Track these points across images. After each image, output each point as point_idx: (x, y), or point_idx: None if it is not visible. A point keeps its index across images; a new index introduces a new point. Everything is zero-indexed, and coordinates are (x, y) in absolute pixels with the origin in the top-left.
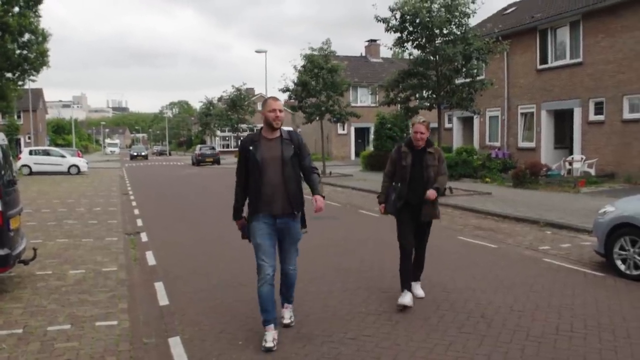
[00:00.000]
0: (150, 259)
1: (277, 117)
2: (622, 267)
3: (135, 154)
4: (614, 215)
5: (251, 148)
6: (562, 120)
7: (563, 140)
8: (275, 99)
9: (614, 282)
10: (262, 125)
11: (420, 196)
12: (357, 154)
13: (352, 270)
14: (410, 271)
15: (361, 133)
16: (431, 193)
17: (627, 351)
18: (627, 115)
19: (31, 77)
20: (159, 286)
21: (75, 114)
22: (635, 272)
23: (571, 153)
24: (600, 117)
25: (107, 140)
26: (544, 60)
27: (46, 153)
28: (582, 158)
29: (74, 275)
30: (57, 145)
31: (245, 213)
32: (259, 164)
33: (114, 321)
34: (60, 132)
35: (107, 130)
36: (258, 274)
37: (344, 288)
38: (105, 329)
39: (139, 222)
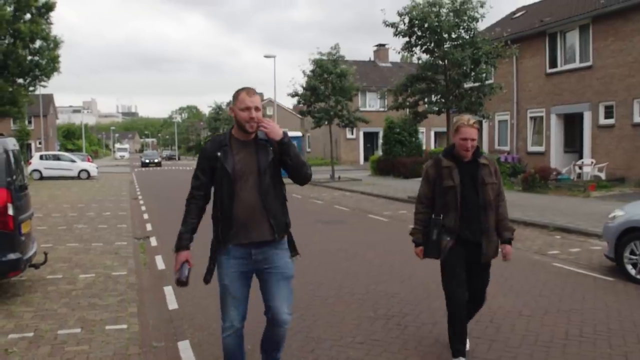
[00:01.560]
0: (160, 263)
1: (252, 118)
2: (633, 271)
3: (147, 160)
4: (624, 219)
5: (219, 155)
6: (572, 124)
7: (573, 144)
8: (250, 91)
9: (624, 287)
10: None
11: (477, 230)
12: (366, 159)
13: (360, 274)
14: (465, 333)
15: (370, 137)
16: (509, 250)
17: (637, 356)
18: (637, 119)
19: (42, 83)
20: (168, 290)
21: (85, 119)
22: None
23: (581, 157)
24: (611, 121)
25: (117, 145)
26: (553, 64)
27: (56, 158)
28: (592, 162)
29: (84, 279)
30: (67, 150)
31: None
32: (230, 177)
33: (124, 325)
34: (70, 137)
35: (116, 135)
36: (223, 321)
37: (352, 292)
38: (115, 333)
39: (149, 227)
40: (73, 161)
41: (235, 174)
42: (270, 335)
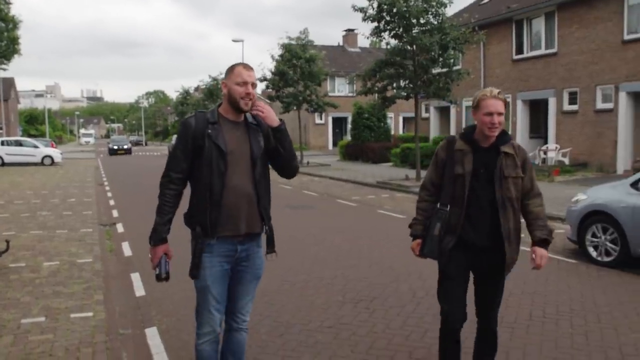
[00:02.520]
0: (127, 249)
1: (249, 93)
2: (594, 253)
3: (115, 147)
4: (586, 203)
5: (209, 132)
6: (537, 110)
7: (538, 129)
8: (247, 66)
9: (586, 269)
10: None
11: (485, 232)
12: (334, 144)
13: (328, 259)
14: None
15: (339, 123)
16: (542, 254)
17: (597, 335)
18: (600, 105)
19: (2, 66)
20: (135, 277)
21: (48, 104)
22: (606, 259)
23: (546, 142)
24: (574, 107)
25: (82, 131)
26: (519, 50)
27: (19, 144)
28: (556, 147)
29: (48, 267)
30: (30, 135)
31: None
32: (225, 159)
33: (90, 313)
34: (33, 122)
35: (81, 120)
36: (199, 327)
37: (321, 277)
38: (81, 321)
39: (115, 213)
40: (36, 147)
41: (230, 156)
42: (231, 344)
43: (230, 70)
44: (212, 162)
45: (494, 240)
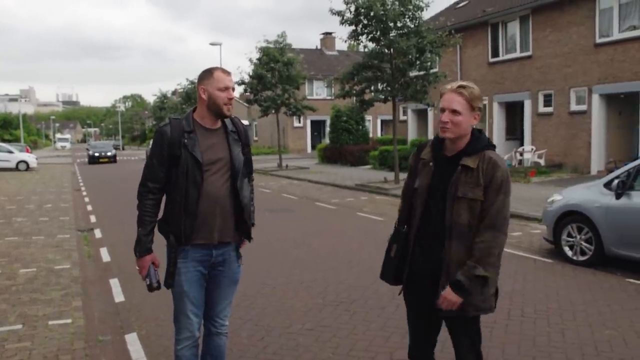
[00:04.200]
0: (105, 255)
1: (231, 99)
2: (570, 253)
3: (96, 154)
4: (562, 203)
5: (185, 141)
6: (513, 112)
7: (514, 131)
8: (225, 71)
9: (562, 268)
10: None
11: (436, 260)
12: (313, 147)
13: (308, 262)
14: None
15: (317, 126)
16: (448, 297)
17: (573, 333)
18: (573, 107)
19: None
20: (114, 283)
21: (23, 108)
22: (581, 258)
23: (522, 144)
24: (549, 109)
25: (58, 135)
26: (495, 53)
27: None
28: (532, 149)
29: (24, 274)
30: (4, 140)
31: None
32: (201, 169)
33: (68, 319)
34: (7, 127)
35: (57, 124)
36: (178, 332)
37: (301, 280)
38: (59, 328)
39: (93, 219)
40: (10, 152)
41: (205, 166)
42: (211, 348)
43: (209, 74)
44: (188, 172)
45: None
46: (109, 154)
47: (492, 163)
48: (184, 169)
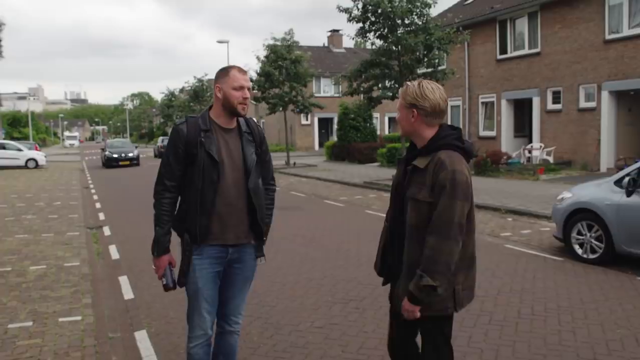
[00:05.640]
0: (114, 252)
1: (246, 98)
2: (580, 251)
3: (114, 155)
4: (571, 201)
5: (203, 140)
6: (522, 109)
7: (522, 128)
8: (242, 70)
9: (572, 266)
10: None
11: (400, 262)
12: (321, 144)
13: (317, 259)
14: None
15: (325, 123)
16: (405, 306)
17: (584, 332)
18: (582, 104)
19: None
20: (124, 280)
21: (31, 106)
22: (592, 256)
23: (530, 141)
24: (558, 106)
25: (66, 133)
26: (503, 50)
27: (2, 147)
28: (540, 146)
29: (34, 271)
30: (13, 138)
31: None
32: (218, 168)
33: (78, 317)
34: (16, 125)
35: (65, 122)
36: (191, 330)
37: (310, 278)
38: (69, 325)
39: (101, 216)
40: (20, 150)
41: (222, 165)
42: (222, 347)
43: (225, 73)
44: (205, 170)
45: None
46: (130, 154)
47: (440, 163)
48: (200, 168)
